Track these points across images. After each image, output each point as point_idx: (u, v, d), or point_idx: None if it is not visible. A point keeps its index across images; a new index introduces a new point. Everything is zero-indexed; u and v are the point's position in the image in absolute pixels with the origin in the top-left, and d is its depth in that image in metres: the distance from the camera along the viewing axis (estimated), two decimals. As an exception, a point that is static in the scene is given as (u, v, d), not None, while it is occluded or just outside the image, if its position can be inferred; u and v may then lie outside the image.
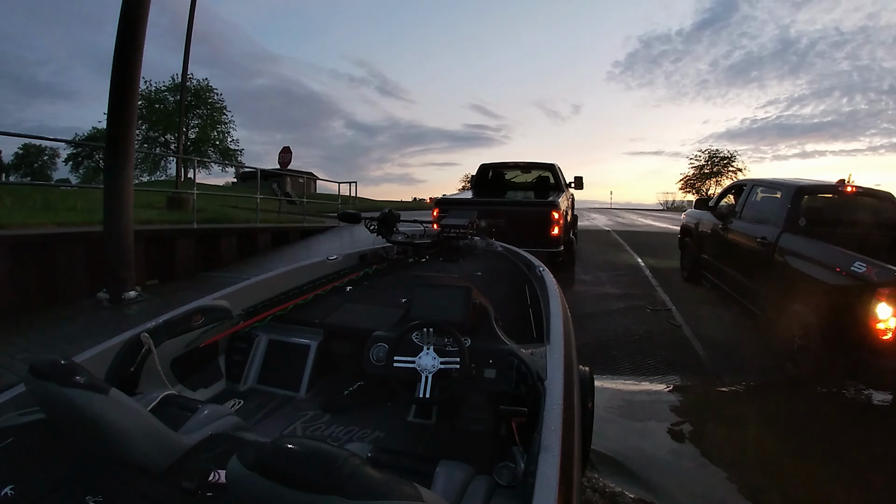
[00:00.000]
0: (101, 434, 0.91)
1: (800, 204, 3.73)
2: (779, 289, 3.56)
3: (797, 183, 3.96)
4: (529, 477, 0.93)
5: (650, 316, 4.70)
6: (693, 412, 3.06)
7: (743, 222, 4.45)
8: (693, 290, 5.58)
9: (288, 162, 13.03)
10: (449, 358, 1.52)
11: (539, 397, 1.26)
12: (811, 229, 3.58)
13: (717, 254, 5.05)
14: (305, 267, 2.48)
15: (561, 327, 1.57)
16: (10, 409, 1.12)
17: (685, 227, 6.30)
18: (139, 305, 4.60)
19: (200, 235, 6.79)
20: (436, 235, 2.75)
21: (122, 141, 4.57)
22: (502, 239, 2.98)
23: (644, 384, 3.35)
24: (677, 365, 3.63)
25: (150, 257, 5.86)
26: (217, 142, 31.71)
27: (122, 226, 4.55)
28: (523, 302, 2.20)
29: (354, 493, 0.62)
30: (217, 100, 32.01)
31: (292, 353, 1.99)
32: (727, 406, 3.11)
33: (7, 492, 0.79)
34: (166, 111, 29.07)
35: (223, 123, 31.96)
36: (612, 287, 5.79)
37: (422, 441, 1.62)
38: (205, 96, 31.10)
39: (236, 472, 0.67)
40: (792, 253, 3.47)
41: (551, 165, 6.92)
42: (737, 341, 3.99)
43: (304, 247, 8.59)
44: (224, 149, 31.59)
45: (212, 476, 0.92)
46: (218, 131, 31.70)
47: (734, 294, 4.45)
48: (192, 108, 30.68)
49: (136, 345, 1.55)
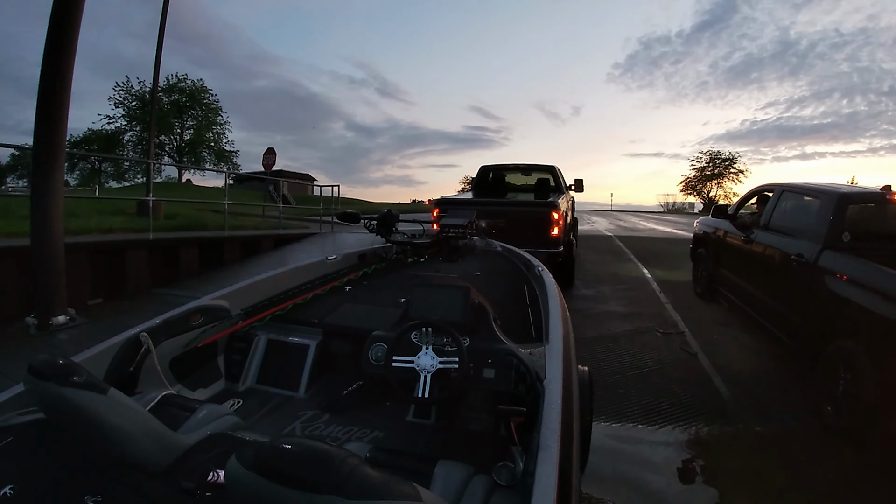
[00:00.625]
0: (100, 434, 0.91)
1: (843, 216, 3.13)
2: (818, 318, 2.99)
3: (839, 190, 3.37)
4: (528, 477, 0.94)
5: (661, 341, 4.16)
6: (720, 472, 2.49)
7: (770, 234, 3.88)
8: (708, 309, 5.03)
9: (272, 164, 12.56)
10: (448, 358, 1.51)
11: (538, 397, 1.26)
12: (857, 246, 2.99)
13: (737, 269, 4.51)
14: (305, 267, 2.48)
15: (560, 327, 1.57)
16: (9, 409, 1.12)
17: (699, 236, 5.71)
18: (69, 332, 3.99)
19: (156, 246, 6.00)
20: (435, 235, 2.75)
21: (50, 144, 4.03)
22: (502, 239, 2.96)
23: (658, 434, 2.80)
24: (695, 408, 3.06)
25: (97, 272, 5.18)
26: (212, 143, 31.21)
27: (50, 239, 3.97)
28: (522, 302, 2.20)
29: (353, 492, 0.62)
30: (212, 100, 31.51)
31: (291, 352, 1.98)
32: (758, 463, 2.53)
33: (6, 491, 0.78)
34: (161, 112, 28.80)
35: (218, 125, 31.49)
36: (616, 304, 5.28)
37: (421, 441, 1.62)
38: (199, 97, 30.54)
39: (235, 472, 0.67)
40: (836, 275, 2.88)
41: (551, 167, 6.86)
42: (764, 376, 3.48)
43: (278, 257, 7.80)
44: (219, 150, 31.14)
45: (211, 476, 0.92)
46: (213, 132, 31.19)
47: (758, 317, 3.89)
48: (186, 109, 30.24)
49: (136, 344, 1.55)
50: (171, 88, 29.39)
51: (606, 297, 5.52)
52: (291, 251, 8.37)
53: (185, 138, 30.50)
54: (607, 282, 6.25)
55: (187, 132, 30.66)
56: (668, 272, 6.68)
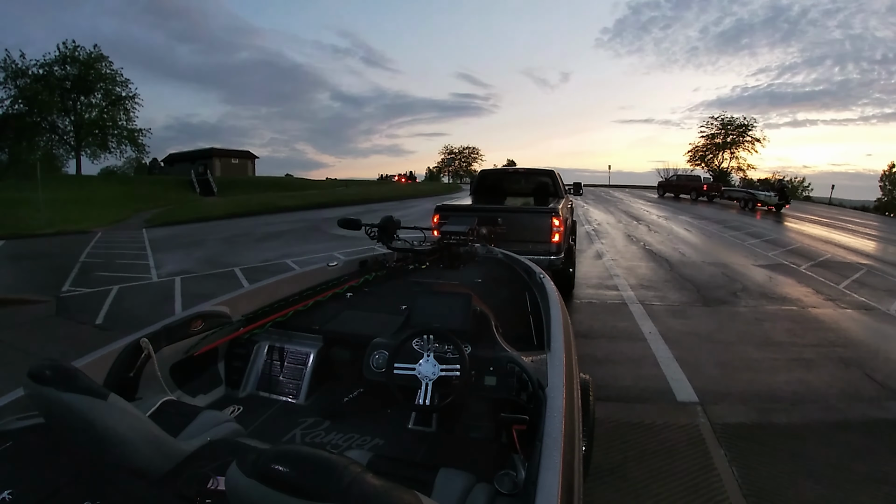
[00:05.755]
0: (99, 439, 0.91)
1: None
2: None
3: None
4: (530, 485, 0.93)
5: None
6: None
7: None
8: None
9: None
10: (449, 365, 1.51)
11: (540, 405, 1.25)
12: None
13: None
14: (305, 273, 2.49)
15: (561, 335, 1.56)
16: (9, 414, 1.11)
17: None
18: None
19: None
20: (436, 242, 2.76)
21: None
22: (502, 246, 2.98)
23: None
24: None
25: None
26: (122, 122, 26.02)
27: None
28: (524, 309, 2.20)
29: (354, 501, 0.61)
30: (113, 72, 25.88)
31: (292, 359, 1.98)
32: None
33: (5, 496, 0.78)
34: (48, 89, 23.58)
35: (125, 99, 26.20)
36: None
37: (422, 449, 1.61)
38: (97, 69, 25.04)
39: (235, 479, 0.66)
40: None
41: (550, 172, 6.94)
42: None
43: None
44: (129, 133, 26.25)
45: (210, 483, 0.92)
46: (121, 109, 25.86)
47: None
48: (84, 83, 24.76)
49: (136, 350, 1.55)
50: (65, 60, 24.30)
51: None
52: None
53: (85, 118, 25.29)
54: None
55: (88, 111, 25.46)
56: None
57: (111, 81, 26.13)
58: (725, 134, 34.81)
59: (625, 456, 2.47)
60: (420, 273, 2.67)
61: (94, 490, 0.86)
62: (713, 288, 6.03)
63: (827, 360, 3.80)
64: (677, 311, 5.03)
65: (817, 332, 4.44)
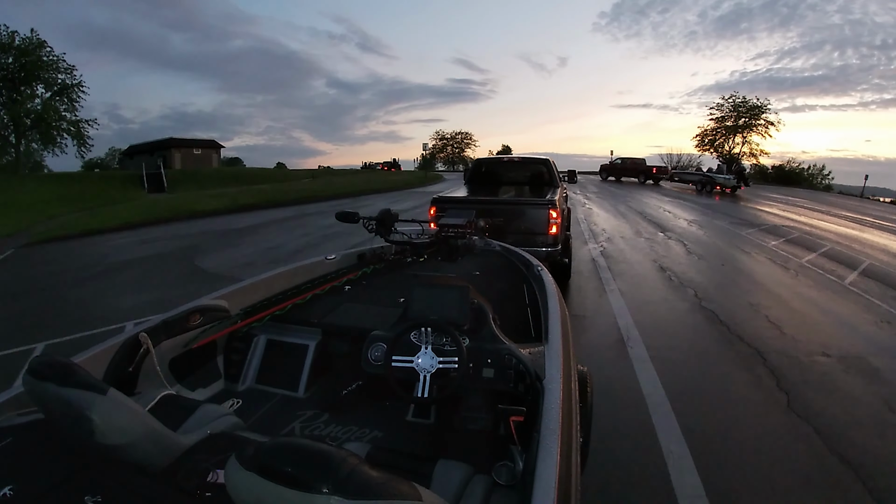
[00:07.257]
0: (99, 434, 0.91)
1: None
2: None
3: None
4: (528, 476, 0.94)
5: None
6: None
7: None
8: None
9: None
10: (447, 357, 1.52)
11: (538, 396, 1.25)
12: None
13: None
14: (304, 267, 2.48)
15: (559, 327, 1.57)
16: (8, 409, 1.12)
17: None
18: None
19: None
20: (434, 235, 2.75)
21: None
22: (499, 238, 2.98)
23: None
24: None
25: None
26: (67, 114, 23.71)
27: None
28: (521, 301, 2.20)
29: (353, 492, 0.62)
30: (54, 59, 23.61)
31: (291, 352, 1.99)
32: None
33: (6, 492, 0.79)
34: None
35: (70, 88, 23.94)
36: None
37: (420, 440, 1.63)
38: (35, 56, 22.82)
39: (234, 472, 0.67)
40: None
41: (545, 160, 6.89)
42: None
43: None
44: (71, 125, 23.97)
45: (210, 476, 0.92)
46: (65, 99, 23.63)
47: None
48: (24, 71, 22.67)
49: (135, 345, 1.55)
50: (8, 47, 22.37)
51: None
52: None
53: (21, 111, 23.05)
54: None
55: (28, 103, 23.25)
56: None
57: (52, 69, 23.81)
58: (737, 116, 31.74)
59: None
60: (418, 266, 2.67)
61: (93, 485, 0.86)
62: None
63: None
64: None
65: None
